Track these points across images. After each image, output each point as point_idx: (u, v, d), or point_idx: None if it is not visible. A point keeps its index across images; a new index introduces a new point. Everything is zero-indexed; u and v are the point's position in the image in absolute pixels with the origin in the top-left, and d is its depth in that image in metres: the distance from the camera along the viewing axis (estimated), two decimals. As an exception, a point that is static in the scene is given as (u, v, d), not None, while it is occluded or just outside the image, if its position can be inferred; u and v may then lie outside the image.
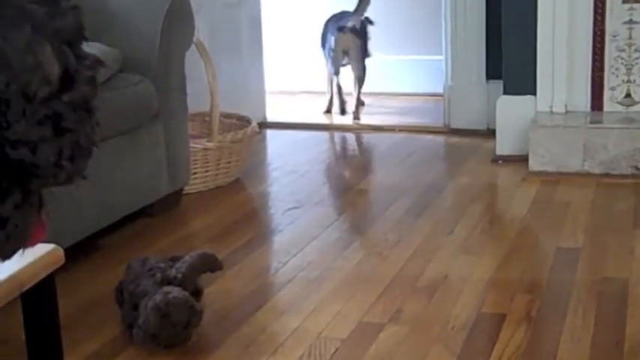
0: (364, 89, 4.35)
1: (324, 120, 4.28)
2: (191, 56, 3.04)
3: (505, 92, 3.49)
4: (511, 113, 3.44)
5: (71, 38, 0.63)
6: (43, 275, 1.32)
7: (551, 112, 3.39)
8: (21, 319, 1.42)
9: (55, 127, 0.62)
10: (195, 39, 3.01)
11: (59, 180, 0.65)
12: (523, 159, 3.32)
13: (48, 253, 1.33)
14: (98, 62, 0.66)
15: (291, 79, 4.98)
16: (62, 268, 1.43)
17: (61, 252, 1.38)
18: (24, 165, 0.61)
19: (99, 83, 0.67)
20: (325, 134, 4.05)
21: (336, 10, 4.64)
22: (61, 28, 0.63)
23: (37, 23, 0.61)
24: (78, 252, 2.42)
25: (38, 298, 1.34)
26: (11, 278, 1.22)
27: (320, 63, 5.00)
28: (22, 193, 0.64)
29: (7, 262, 0.73)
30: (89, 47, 0.67)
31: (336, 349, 1.98)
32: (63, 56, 0.63)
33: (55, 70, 0.61)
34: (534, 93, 3.42)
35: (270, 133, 4.10)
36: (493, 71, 3.79)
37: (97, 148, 0.68)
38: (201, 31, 3.13)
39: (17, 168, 0.62)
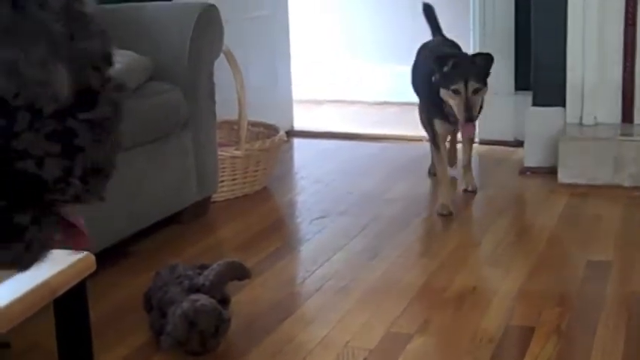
0: (393, 98, 4.31)
1: (350, 129, 4.28)
2: (220, 65, 3.05)
3: (534, 104, 3.47)
4: (540, 125, 3.42)
5: (96, 60, 0.64)
6: (76, 281, 1.33)
7: (581, 124, 3.37)
8: (52, 324, 1.43)
9: (67, 144, 0.62)
10: (224, 48, 3.03)
11: (67, 197, 0.65)
12: (552, 171, 3.30)
13: (80, 260, 1.34)
14: (121, 87, 0.66)
15: (317, 88, 4.99)
16: (92, 274, 1.44)
17: (92, 258, 1.39)
18: (30, 177, 0.62)
19: (122, 107, 0.67)
20: (351, 143, 4.05)
21: (364, 19, 4.65)
22: (86, 50, 0.63)
23: (55, 41, 0.61)
24: (107, 258, 2.43)
25: (70, 304, 1.35)
26: (44, 284, 1.23)
27: (347, 72, 5.00)
28: (39, 205, 0.64)
29: (41, 269, 0.74)
30: (120, 55, 0.67)
31: (364, 359, 1.97)
32: (82, 77, 0.63)
33: (64, 89, 0.61)
34: (563, 105, 3.39)
35: (297, 142, 4.10)
36: (521, 82, 3.77)
37: (116, 170, 0.68)
38: (231, 40, 3.14)
39: (26, 180, 0.62)
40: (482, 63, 2.96)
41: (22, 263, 0.68)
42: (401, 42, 4.40)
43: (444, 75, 2.94)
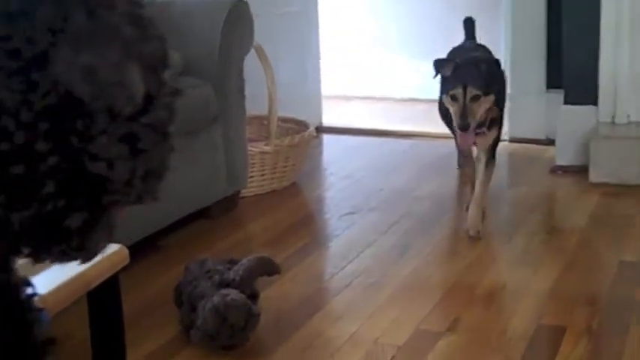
0: (422, 95, 4.26)
1: (378, 126, 4.27)
2: (250, 60, 3.06)
3: (566, 102, 3.44)
4: (572, 123, 3.39)
5: (154, 64, 0.65)
6: (109, 274, 1.34)
7: (613, 123, 3.33)
8: (86, 316, 1.44)
9: (132, 147, 0.64)
10: (254, 43, 3.03)
11: (130, 198, 0.66)
12: (583, 170, 3.26)
13: (114, 253, 1.35)
14: (176, 91, 0.67)
15: (346, 84, 4.98)
16: (123, 268, 1.45)
17: (126, 252, 1.40)
18: (99, 179, 0.63)
19: (175, 111, 0.68)
20: (381, 140, 4.04)
21: (394, 16, 4.63)
22: (147, 53, 0.64)
23: (129, 44, 0.62)
24: (137, 252, 2.44)
25: (103, 297, 1.36)
26: (78, 277, 1.24)
27: (376, 68, 4.99)
28: (93, 208, 0.65)
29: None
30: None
31: (393, 356, 1.97)
32: (147, 79, 0.64)
33: (140, 90, 0.62)
34: (596, 103, 3.36)
35: (326, 138, 4.10)
36: (553, 80, 3.74)
37: (170, 171, 0.69)
38: (260, 35, 3.14)
39: (92, 181, 0.63)
40: (485, 69, 2.69)
41: (78, 260, 0.69)
42: (430, 39, 4.38)
43: (444, 79, 2.73)
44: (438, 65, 2.73)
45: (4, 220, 0.61)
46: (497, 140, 2.84)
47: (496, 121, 2.78)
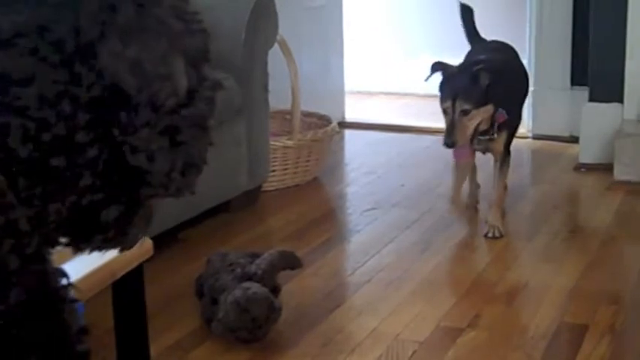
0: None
1: (401, 121, 4.26)
2: (273, 55, 3.06)
3: (591, 99, 3.41)
4: (596, 121, 3.37)
5: (197, 58, 0.66)
6: (134, 265, 1.34)
7: (639, 121, 3.31)
8: (110, 306, 1.45)
9: (172, 140, 0.64)
10: (278, 37, 3.03)
11: (168, 191, 0.67)
12: (607, 168, 3.24)
13: (139, 244, 1.35)
14: (218, 85, 0.68)
15: (369, 79, 4.97)
16: (146, 259, 1.45)
17: (150, 243, 1.41)
18: (138, 172, 0.63)
19: (215, 105, 0.68)
20: (403, 136, 4.03)
21: (418, 11, 4.60)
22: (190, 47, 0.65)
23: (175, 37, 0.63)
24: (158, 245, 2.45)
25: (128, 287, 1.37)
26: (104, 267, 1.25)
27: (399, 64, 4.98)
28: (130, 201, 0.66)
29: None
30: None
31: (414, 352, 1.97)
32: (189, 73, 0.65)
33: (183, 83, 0.63)
34: (621, 101, 3.33)
35: (348, 133, 4.09)
36: (578, 77, 3.71)
37: (207, 165, 0.70)
38: (284, 30, 3.14)
39: (131, 174, 0.63)
40: (481, 79, 2.47)
41: (101, 249, 0.69)
42: (455, 34, 4.35)
43: (439, 88, 2.58)
44: (434, 71, 2.59)
45: (41, 211, 0.62)
46: (510, 139, 2.73)
47: (505, 125, 2.65)
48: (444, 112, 2.53)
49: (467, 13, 3.05)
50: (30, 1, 0.60)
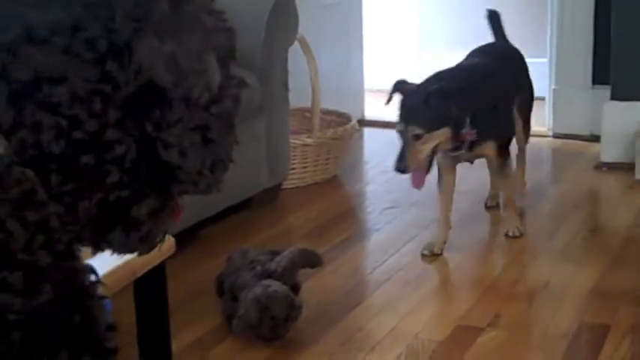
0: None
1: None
2: (293, 52, 3.06)
3: (612, 97, 3.39)
4: (618, 119, 3.34)
5: (224, 56, 0.66)
6: (156, 263, 1.35)
7: (660, 120, 3.28)
8: (132, 303, 1.46)
9: (203, 136, 0.65)
10: (298, 35, 3.04)
11: (199, 187, 0.67)
12: (629, 167, 3.22)
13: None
14: (243, 83, 0.68)
15: (389, 77, 4.96)
16: (166, 258, 1.46)
17: (172, 241, 1.41)
18: (170, 168, 0.64)
19: (241, 103, 0.69)
20: (423, 134, 4.01)
21: (438, 10, 4.59)
22: (220, 44, 0.65)
23: (208, 34, 0.64)
24: (178, 242, 2.46)
25: (150, 285, 1.38)
26: (126, 264, 1.25)
27: (419, 62, 4.97)
28: (160, 197, 0.66)
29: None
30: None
31: (433, 351, 1.96)
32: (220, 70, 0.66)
33: (217, 78, 0.64)
34: (643, 99, 3.31)
35: (367, 132, 4.09)
36: (599, 76, 3.68)
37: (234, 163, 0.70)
38: (304, 28, 3.15)
39: (163, 170, 0.64)
40: (433, 103, 2.33)
41: (138, 252, 0.70)
42: (475, 34, 4.33)
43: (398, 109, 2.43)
44: (393, 89, 2.46)
45: (71, 208, 0.63)
46: (502, 144, 2.60)
47: (490, 133, 2.52)
48: (398, 134, 2.41)
49: (494, 18, 3.00)
50: (65, 1, 0.61)
